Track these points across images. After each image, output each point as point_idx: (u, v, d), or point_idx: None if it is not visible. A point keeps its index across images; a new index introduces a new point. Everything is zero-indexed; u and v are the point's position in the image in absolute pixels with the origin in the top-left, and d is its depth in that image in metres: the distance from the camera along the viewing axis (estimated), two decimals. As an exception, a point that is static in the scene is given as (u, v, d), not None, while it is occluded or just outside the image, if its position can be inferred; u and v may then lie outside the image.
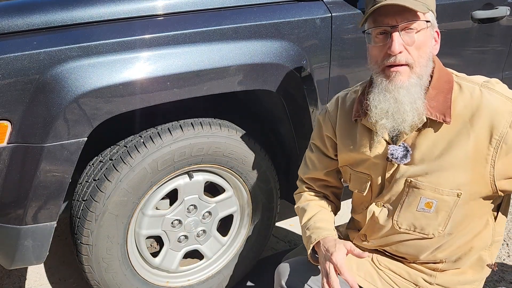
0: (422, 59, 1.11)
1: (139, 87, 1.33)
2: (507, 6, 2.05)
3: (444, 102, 1.12)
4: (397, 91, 1.10)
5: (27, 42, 1.22)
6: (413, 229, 1.21)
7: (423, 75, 1.12)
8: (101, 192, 1.44)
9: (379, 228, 1.27)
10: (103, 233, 1.50)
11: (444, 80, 1.15)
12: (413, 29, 1.09)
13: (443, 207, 1.15)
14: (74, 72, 1.25)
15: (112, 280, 1.60)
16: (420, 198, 1.16)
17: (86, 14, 1.31)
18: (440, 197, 1.14)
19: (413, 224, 1.20)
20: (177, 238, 1.71)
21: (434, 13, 1.15)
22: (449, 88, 1.13)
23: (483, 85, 1.13)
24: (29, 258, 1.44)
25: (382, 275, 1.29)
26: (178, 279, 1.81)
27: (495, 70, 2.24)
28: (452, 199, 1.13)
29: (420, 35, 1.10)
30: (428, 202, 1.16)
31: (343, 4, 1.64)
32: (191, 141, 1.51)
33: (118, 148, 1.49)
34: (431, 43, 1.13)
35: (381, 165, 1.22)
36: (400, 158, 1.17)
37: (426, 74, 1.13)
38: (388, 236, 1.26)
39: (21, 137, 1.27)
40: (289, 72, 1.54)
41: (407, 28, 1.09)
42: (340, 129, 1.32)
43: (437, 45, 1.17)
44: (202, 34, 1.40)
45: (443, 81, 1.15)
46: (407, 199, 1.18)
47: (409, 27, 1.09)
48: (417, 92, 1.11)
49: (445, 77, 1.16)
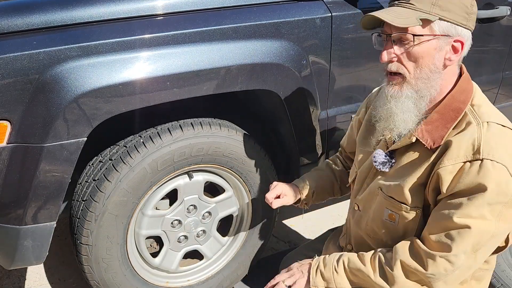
0: (420, 70, 1.07)
1: (138, 87, 1.33)
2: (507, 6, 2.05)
3: (441, 130, 1.08)
4: (388, 99, 1.12)
5: (26, 42, 1.22)
6: (381, 238, 1.22)
7: (421, 89, 1.08)
8: (101, 192, 1.44)
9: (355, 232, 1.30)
10: (102, 233, 1.50)
11: (452, 108, 1.08)
12: (408, 40, 1.05)
13: (403, 221, 1.15)
14: (74, 72, 1.25)
15: (112, 280, 1.60)
16: (385, 209, 1.18)
17: (85, 14, 1.30)
18: (401, 212, 1.15)
19: (381, 232, 1.21)
20: (177, 238, 1.71)
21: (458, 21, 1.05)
22: (454, 117, 1.08)
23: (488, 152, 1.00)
24: (29, 258, 1.44)
25: None
26: (178, 279, 1.81)
27: (495, 70, 2.24)
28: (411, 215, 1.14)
29: (417, 47, 1.05)
30: (390, 214, 1.18)
31: (343, 4, 1.64)
32: (191, 141, 1.51)
33: (117, 148, 1.49)
34: (434, 55, 1.06)
35: (367, 165, 1.26)
36: (379, 163, 1.19)
37: (426, 87, 1.08)
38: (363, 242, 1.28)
39: (21, 137, 1.27)
40: (289, 72, 1.54)
41: (402, 38, 1.06)
42: (367, 117, 1.35)
43: (455, 56, 1.07)
44: (202, 34, 1.39)
45: (451, 108, 1.08)
46: (375, 206, 1.21)
47: (403, 38, 1.05)
48: (408, 105, 1.09)
49: (455, 104, 1.08)
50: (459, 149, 1.02)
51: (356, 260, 1.17)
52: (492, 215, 1.01)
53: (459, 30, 1.06)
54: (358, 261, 1.17)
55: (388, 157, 1.18)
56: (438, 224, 1.06)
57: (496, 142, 1.01)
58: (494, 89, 2.31)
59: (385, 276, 1.12)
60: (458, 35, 1.06)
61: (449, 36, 1.05)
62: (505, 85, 2.33)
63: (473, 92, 1.11)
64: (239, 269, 1.89)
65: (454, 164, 1.02)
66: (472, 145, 1.01)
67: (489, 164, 0.98)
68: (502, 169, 0.98)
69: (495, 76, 2.25)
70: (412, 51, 1.06)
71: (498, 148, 1.00)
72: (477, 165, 0.99)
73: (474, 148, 1.01)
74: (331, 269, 1.19)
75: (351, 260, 1.18)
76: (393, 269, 1.10)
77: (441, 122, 1.09)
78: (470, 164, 1.00)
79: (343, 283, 1.17)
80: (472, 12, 1.07)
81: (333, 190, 1.54)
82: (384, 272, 1.12)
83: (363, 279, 1.15)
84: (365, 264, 1.15)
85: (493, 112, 1.08)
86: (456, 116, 1.08)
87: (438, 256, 1.05)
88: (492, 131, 1.03)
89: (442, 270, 1.05)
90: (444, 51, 1.06)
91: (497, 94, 2.33)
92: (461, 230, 1.02)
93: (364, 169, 1.29)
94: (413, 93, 1.09)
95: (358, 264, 1.16)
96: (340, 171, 1.54)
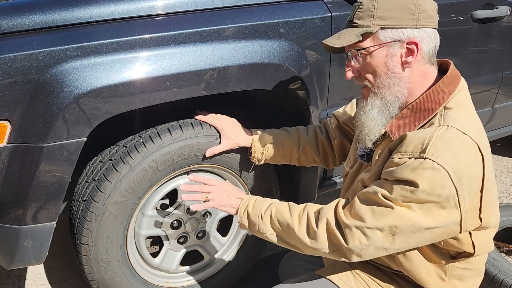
0: (379, 79, 1.12)
1: (138, 87, 1.33)
2: (507, 6, 2.05)
3: (409, 127, 1.11)
4: (359, 110, 1.20)
5: (26, 42, 1.22)
6: None
7: (387, 96, 1.13)
8: (101, 192, 1.44)
9: None
10: (102, 234, 1.50)
11: (425, 107, 1.10)
12: (363, 53, 1.11)
13: None
14: (74, 72, 1.25)
15: (112, 280, 1.60)
16: None
17: (85, 14, 1.30)
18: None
19: None
20: (177, 238, 1.71)
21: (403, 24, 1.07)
22: (424, 117, 1.10)
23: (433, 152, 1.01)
24: (29, 258, 1.44)
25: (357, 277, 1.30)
26: (178, 279, 1.81)
27: (495, 70, 2.24)
28: None
29: (371, 58, 1.11)
30: None
31: (343, 4, 1.64)
32: (190, 141, 1.51)
33: (117, 148, 1.49)
34: (388, 62, 1.10)
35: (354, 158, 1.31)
36: (359, 156, 1.26)
37: (391, 93, 1.13)
38: None
39: (21, 137, 1.27)
40: (289, 72, 1.54)
41: (354, 54, 1.12)
42: None
43: (411, 58, 1.09)
44: (202, 34, 1.39)
45: (423, 107, 1.11)
46: None
47: (355, 54, 1.12)
48: (373, 114, 1.15)
49: (428, 104, 1.10)
50: (408, 145, 1.05)
51: (284, 211, 1.22)
52: (419, 209, 1.03)
53: (408, 32, 1.08)
54: (286, 213, 1.22)
55: (367, 150, 1.23)
56: (369, 195, 1.10)
57: (445, 145, 1.01)
58: (494, 89, 2.31)
59: (309, 231, 1.16)
60: (409, 37, 1.08)
61: (399, 41, 1.08)
62: (505, 85, 2.33)
63: (453, 94, 1.10)
64: (239, 269, 1.89)
65: (401, 158, 1.05)
66: (421, 144, 1.03)
67: (429, 164, 1.00)
68: (441, 171, 0.99)
69: (495, 76, 2.26)
70: (366, 63, 1.12)
71: (445, 151, 1.00)
72: (418, 162, 1.01)
73: (422, 147, 1.02)
74: (257, 214, 1.25)
75: (278, 210, 1.23)
76: (318, 227, 1.15)
77: (411, 119, 1.12)
78: (413, 160, 1.02)
79: (266, 230, 1.23)
80: (419, 11, 1.08)
81: (290, 157, 1.56)
82: (308, 228, 1.16)
83: (286, 231, 1.20)
84: (292, 216, 1.20)
85: (461, 118, 1.06)
86: (427, 116, 1.10)
87: (354, 226, 1.09)
88: (447, 134, 1.02)
89: (357, 242, 1.08)
90: (397, 56, 1.10)
91: (497, 94, 2.34)
92: (384, 208, 1.06)
93: (357, 165, 1.31)
94: (378, 102, 1.15)
95: (285, 215, 1.21)
96: (310, 142, 1.55)
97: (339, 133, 1.53)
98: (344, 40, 1.11)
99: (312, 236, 1.15)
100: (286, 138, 1.54)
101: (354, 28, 1.12)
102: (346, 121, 1.51)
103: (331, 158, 1.57)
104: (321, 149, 1.55)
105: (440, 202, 1.01)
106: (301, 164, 1.59)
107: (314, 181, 1.83)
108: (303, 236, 1.16)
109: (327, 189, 1.98)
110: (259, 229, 1.24)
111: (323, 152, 1.55)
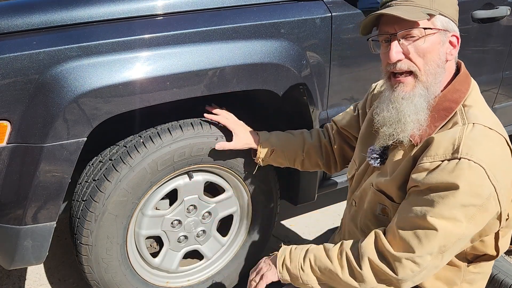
0: (429, 66, 1.07)
1: (138, 87, 1.33)
2: (507, 6, 2.05)
3: (429, 128, 1.09)
4: (399, 101, 1.09)
5: (26, 42, 1.22)
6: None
7: (431, 85, 1.08)
8: (101, 192, 1.44)
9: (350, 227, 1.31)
10: (102, 234, 1.50)
11: (443, 107, 1.08)
12: (415, 36, 1.05)
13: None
14: (74, 72, 1.25)
15: (112, 280, 1.60)
16: (377, 204, 1.19)
17: (85, 14, 1.30)
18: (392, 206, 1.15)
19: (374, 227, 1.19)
20: (177, 238, 1.70)
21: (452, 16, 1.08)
22: (444, 116, 1.08)
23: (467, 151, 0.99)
24: (29, 258, 1.44)
25: None
26: (178, 279, 1.81)
27: (495, 70, 2.24)
28: None
29: (424, 42, 1.05)
30: (383, 208, 1.18)
31: (343, 4, 1.64)
32: (190, 141, 1.51)
33: (117, 148, 1.49)
34: (439, 50, 1.07)
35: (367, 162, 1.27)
36: (371, 158, 1.21)
37: (434, 83, 1.08)
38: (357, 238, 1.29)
39: (21, 137, 1.27)
40: (289, 72, 1.54)
41: (407, 35, 1.06)
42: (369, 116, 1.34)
43: (454, 50, 1.09)
44: (202, 34, 1.39)
45: (442, 107, 1.09)
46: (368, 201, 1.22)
47: (410, 35, 1.05)
48: (421, 103, 1.08)
49: (446, 103, 1.08)
50: (438, 148, 1.02)
51: (323, 256, 1.15)
52: (465, 217, 0.99)
53: (454, 25, 1.09)
54: (325, 258, 1.14)
55: (380, 153, 1.20)
56: (407, 219, 1.05)
57: (476, 143, 1.00)
58: (494, 89, 2.31)
59: (354, 274, 1.11)
60: (454, 30, 1.09)
61: (447, 31, 1.08)
62: (505, 85, 2.33)
63: (468, 92, 1.10)
64: (239, 269, 1.89)
65: (432, 162, 1.02)
66: (452, 145, 1.01)
67: (465, 164, 0.98)
68: (479, 169, 0.97)
69: (495, 76, 2.26)
70: (421, 46, 1.06)
71: (478, 149, 0.99)
72: (454, 163, 0.99)
73: (454, 148, 1.00)
74: (297, 266, 1.17)
75: (317, 257, 1.15)
76: (362, 268, 1.09)
77: (431, 120, 1.09)
78: (447, 163, 1.00)
79: (310, 281, 1.16)
80: (458, 9, 1.11)
81: (294, 160, 1.55)
82: (352, 270, 1.11)
83: (330, 277, 1.14)
84: (332, 261, 1.13)
85: (483, 114, 1.06)
86: (446, 115, 1.08)
87: (404, 259, 1.04)
88: (475, 132, 1.02)
89: (409, 272, 1.05)
90: (446, 45, 1.08)
91: (497, 94, 2.33)
92: (428, 231, 1.01)
93: (363, 167, 1.30)
94: (425, 90, 1.08)
95: (324, 262, 1.14)
96: (314, 145, 1.53)
97: (338, 138, 1.53)
98: (413, 15, 1.02)
99: (359, 279, 1.10)
100: (291, 141, 1.53)
101: (412, 6, 1.04)
102: (345, 126, 1.50)
103: (333, 163, 1.56)
104: (324, 153, 1.54)
105: (482, 204, 0.99)
106: (304, 167, 1.57)
107: (314, 181, 1.84)
108: (349, 280, 1.11)
109: (327, 189, 1.98)
110: (302, 281, 1.17)
111: (326, 156, 1.55)
